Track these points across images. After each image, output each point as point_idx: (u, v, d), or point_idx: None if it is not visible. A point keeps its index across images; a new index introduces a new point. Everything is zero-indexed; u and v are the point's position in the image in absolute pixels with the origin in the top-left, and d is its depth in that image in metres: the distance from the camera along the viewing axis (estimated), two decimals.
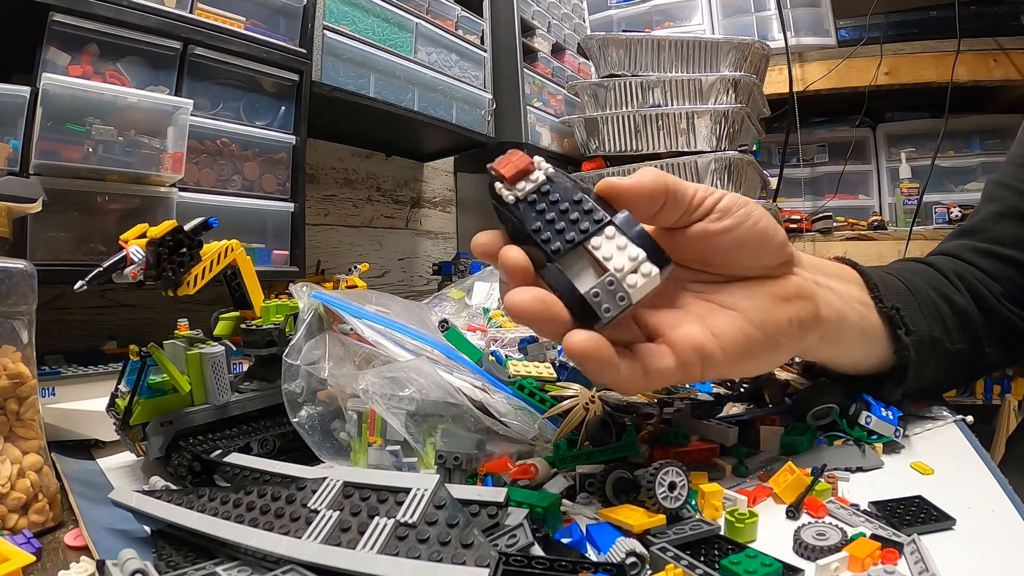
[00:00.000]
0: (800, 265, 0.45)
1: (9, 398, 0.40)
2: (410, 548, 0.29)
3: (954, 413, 0.59)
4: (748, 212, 0.41)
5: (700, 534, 0.34)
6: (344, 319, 0.54)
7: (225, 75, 0.86)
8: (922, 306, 0.54)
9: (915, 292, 0.55)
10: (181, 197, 0.79)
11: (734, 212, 0.40)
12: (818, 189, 2.24)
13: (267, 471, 0.40)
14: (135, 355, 0.50)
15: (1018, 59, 1.86)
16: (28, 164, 0.66)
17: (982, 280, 0.60)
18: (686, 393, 0.59)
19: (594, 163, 1.52)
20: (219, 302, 0.60)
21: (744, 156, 1.40)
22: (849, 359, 0.51)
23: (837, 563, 0.31)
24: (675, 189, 0.39)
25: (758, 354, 0.41)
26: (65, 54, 0.70)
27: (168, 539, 0.36)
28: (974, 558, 0.34)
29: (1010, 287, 0.60)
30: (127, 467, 0.51)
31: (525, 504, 0.34)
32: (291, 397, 0.49)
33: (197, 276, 0.52)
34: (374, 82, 1.07)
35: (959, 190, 2.09)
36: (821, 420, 0.52)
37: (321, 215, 1.32)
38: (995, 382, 1.50)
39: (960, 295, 0.58)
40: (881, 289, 0.52)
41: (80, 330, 0.90)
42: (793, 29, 2.04)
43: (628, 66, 1.51)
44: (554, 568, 0.29)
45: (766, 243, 0.41)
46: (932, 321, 0.55)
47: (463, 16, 1.28)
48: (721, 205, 0.40)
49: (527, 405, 0.50)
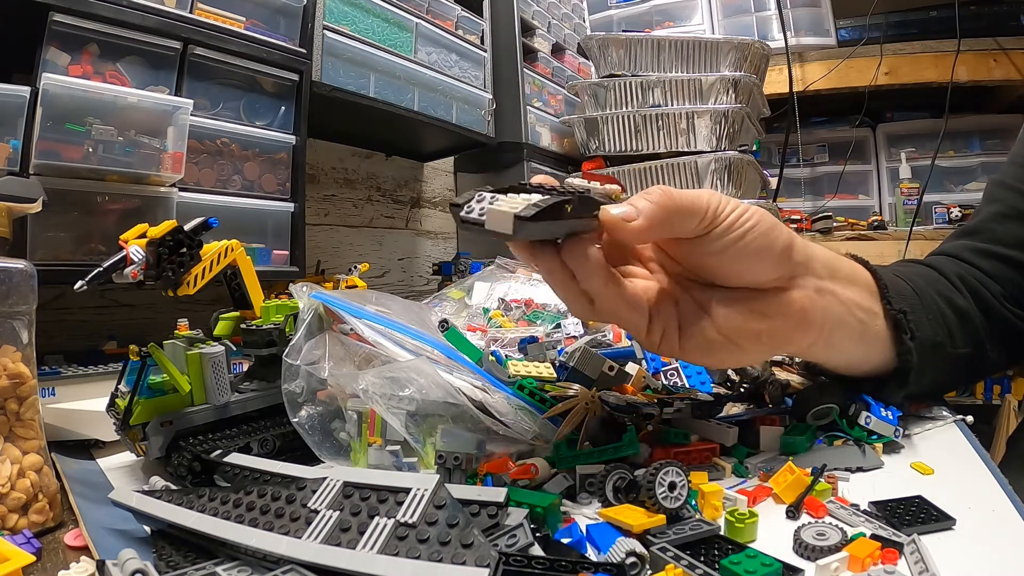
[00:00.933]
0: (810, 271, 0.45)
1: (9, 398, 0.40)
2: (410, 548, 0.29)
3: (954, 413, 0.59)
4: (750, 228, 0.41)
5: (700, 534, 0.34)
6: (344, 319, 0.54)
7: (225, 75, 0.86)
8: (927, 310, 0.55)
9: (921, 296, 0.55)
10: (181, 197, 0.79)
11: (742, 227, 0.40)
12: (818, 189, 2.24)
13: (267, 471, 0.40)
14: (135, 355, 0.50)
15: (1018, 59, 1.86)
16: (28, 164, 0.66)
17: (983, 281, 0.60)
18: (686, 393, 0.59)
19: (594, 163, 1.52)
20: (219, 302, 0.60)
21: (744, 156, 1.40)
22: (843, 361, 0.52)
23: (837, 563, 0.31)
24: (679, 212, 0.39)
25: (718, 354, 0.43)
26: (65, 54, 0.70)
27: (168, 539, 0.36)
28: (974, 558, 0.34)
29: (1011, 288, 0.60)
30: (127, 467, 0.51)
31: (525, 504, 0.34)
32: (291, 397, 0.49)
33: (197, 276, 0.52)
34: (374, 82, 1.07)
35: (959, 190, 2.09)
36: (821, 420, 0.52)
37: (321, 215, 1.32)
38: (995, 382, 1.50)
39: (962, 298, 0.58)
40: (891, 291, 0.52)
41: (80, 330, 0.90)
42: (793, 29, 2.04)
43: (628, 66, 1.51)
44: (554, 568, 0.29)
45: (761, 261, 0.42)
46: (936, 326, 0.55)
47: (463, 16, 1.28)
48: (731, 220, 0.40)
49: (527, 405, 0.50)
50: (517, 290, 0.96)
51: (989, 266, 0.61)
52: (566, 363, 0.57)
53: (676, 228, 0.40)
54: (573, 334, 0.76)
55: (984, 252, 0.62)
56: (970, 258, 0.63)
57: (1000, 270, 0.61)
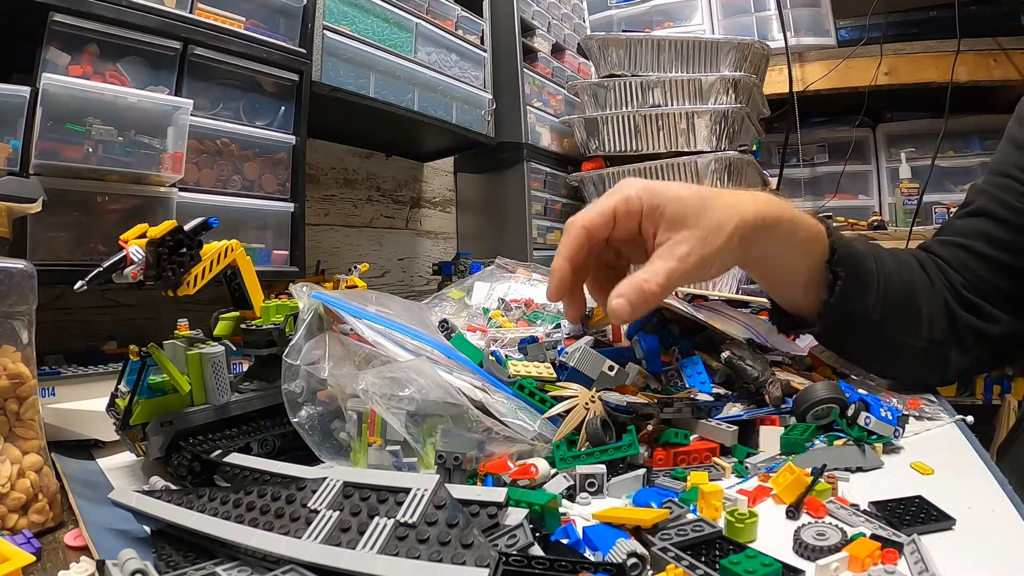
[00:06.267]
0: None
1: (9, 398, 0.40)
2: (410, 548, 0.29)
3: (954, 413, 0.59)
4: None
5: (700, 534, 0.34)
6: (344, 319, 0.54)
7: (225, 75, 0.86)
8: (876, 288, 0.64)
9: (879, 275, 0.65)
10: (181, 197, 0.79)
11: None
12: (818, 189, 2.24)
13: (267, 471, 0.40)
14: (135, 355, 0.50)
15: (1018, 59, 1.86)
16: (28, 164, 0.66)
17: (946, 273, 0.68)
18: (686, 393, 0.59)
19: (594, 163, 1.52)
20: (219, 302, 0.60)
21: (744, 156, 1.40)
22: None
23: (837, 563, 0.31)
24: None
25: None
26: (65, 54, 0.70)
27: (168, 539, 0.36)
28: (974, 558, 0.34)
29: (969, 276, 0.68)
30: (127, 467, 0.51)
31: (524, 504, 0.34)
32: (291, 397, 0.49)
33: (197, 276, 0.52)
34: (374, 82, 1.07)
35: (959, 190, 2.08)
36: (821, 420, 0.52)
37: (321, 215, 1.32)
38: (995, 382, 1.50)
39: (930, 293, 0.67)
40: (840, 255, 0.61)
41: (80, 330, 0.90)
42: (793, 29, 2.04)
43: (628, 66, 1.51)
44: (554, 568, 0.29)
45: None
46: (878, 305, 0.64)
47: (463, 16, 1.28)
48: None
49: (527, 405, 0.50)
50: (517, 290, 0.96)
51: (950, 255, 0.69)
52: (566, 363, 0.57)
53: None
54: (573, 334, 0.76)
55: (947, 243, 0.71)
56: (938, 250, 0.71)
57: (959, 257, 0.69)
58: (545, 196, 1.54)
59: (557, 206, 1.59)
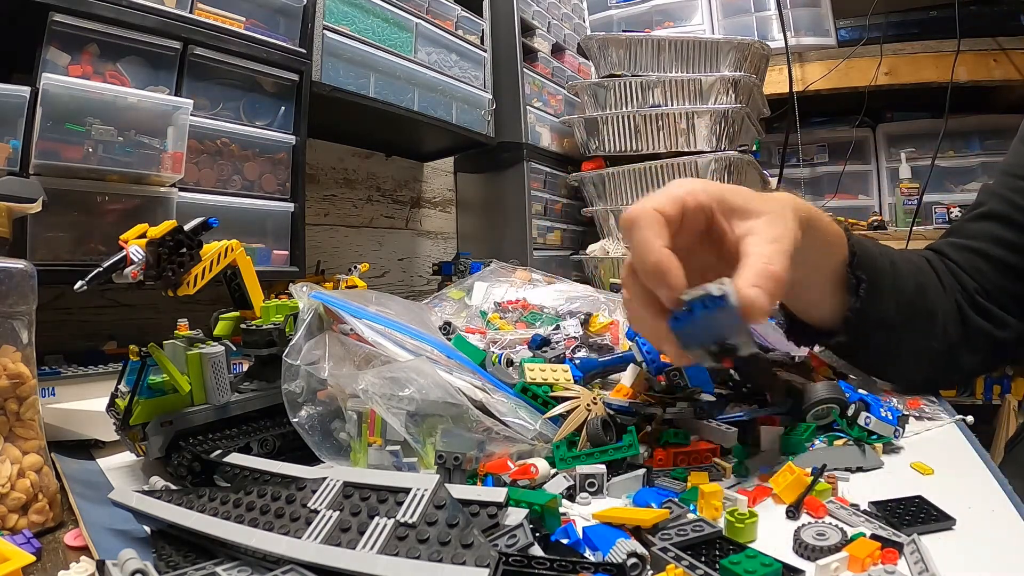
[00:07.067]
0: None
1: (9, 398, 0.40)
2: (410, 548, 0.29)
3: (954, 413, 0.59)
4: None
5: (700, 534, 0.34)
6: (344, 319, 0.54)
7: (225, 75, 0.86)
8: (895, 291, 0.62)
9: (896, 277, 0.63)
10: (181, 197, 0.79)
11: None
12: (818, 189, 2.24)
13: (267, 471, 0.40)
14: (135, 355, 0.50)
15: (1018, 59, 1.86)
16: (28, 164, 0.66)
17: (959, 277, 0.67)
18: (687, 393, 0.59)
19: (594, 163, 1.53)
20: (219, 302, 0.60)
21: (744, 156, 1.40)
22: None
23: (837, 563, 0.31)
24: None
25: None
26: (65, 54, 0.70)
27: (168, 539, 0.36)
28: (974, 558, 0.34)
29: (982, 281, 0.66)
30: (127, 467, 0.51)
31: (524, 504, 0.34)
32: (291, 397, 0.49)
33: (197, 276, 0.52)
34: (374, 82, 1.07)
35: (959, 190, 2.08)
36: (821, 420, 0.52)
37: (321, 215, 1.32)
38: (995, 382, 1.50)
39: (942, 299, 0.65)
40: (860, 258, 0.60)
41: (80, 330, 0.90)
42: (793, 29, 2.04)
43: (628, 66, 1.51)
44: (554, 568, 0.29)
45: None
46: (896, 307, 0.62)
47: (463, 16, 1.28)
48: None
49: (527, 405, 0.50)
50: (512, 294, 0.96)
51: (961, 258, 0.68)
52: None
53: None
54: (573, 335, 0.76)
55: (957, 246, 0.69)
56: (949, 252, 0.69)
57: (970, 261, 0.67)
58: (545, 196, 1.54)
59: (557, 206, 1.59)
